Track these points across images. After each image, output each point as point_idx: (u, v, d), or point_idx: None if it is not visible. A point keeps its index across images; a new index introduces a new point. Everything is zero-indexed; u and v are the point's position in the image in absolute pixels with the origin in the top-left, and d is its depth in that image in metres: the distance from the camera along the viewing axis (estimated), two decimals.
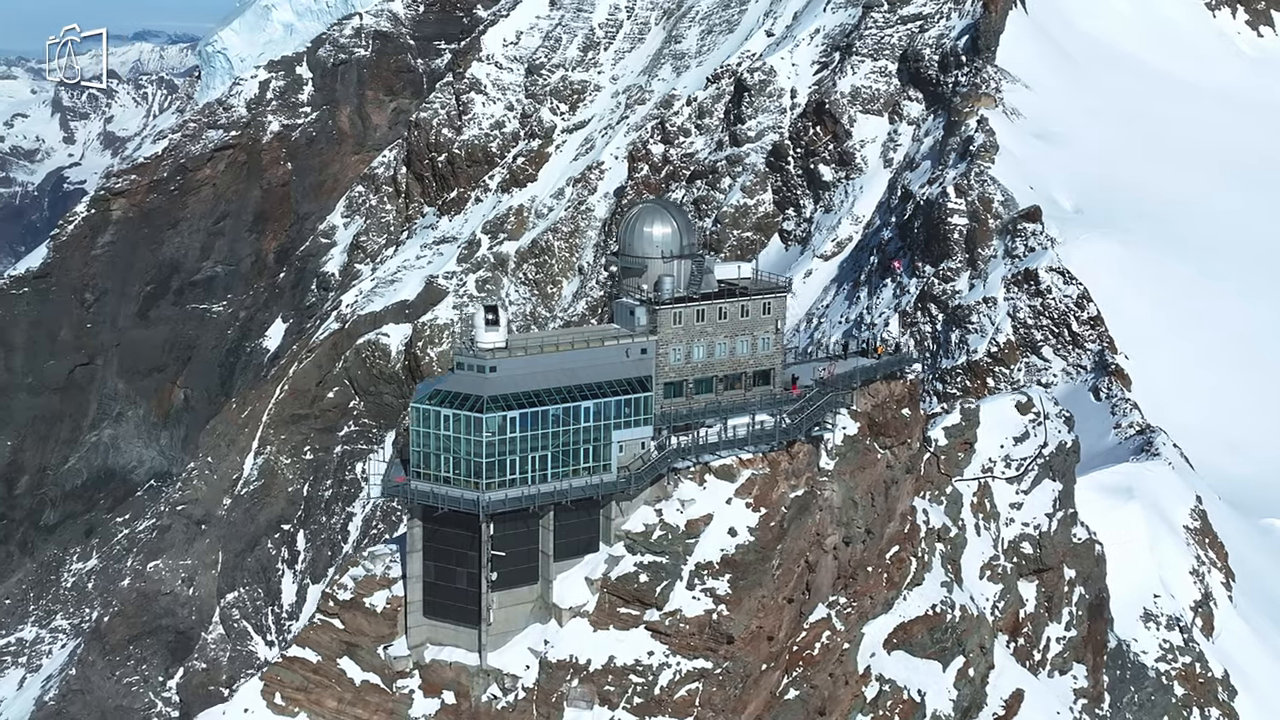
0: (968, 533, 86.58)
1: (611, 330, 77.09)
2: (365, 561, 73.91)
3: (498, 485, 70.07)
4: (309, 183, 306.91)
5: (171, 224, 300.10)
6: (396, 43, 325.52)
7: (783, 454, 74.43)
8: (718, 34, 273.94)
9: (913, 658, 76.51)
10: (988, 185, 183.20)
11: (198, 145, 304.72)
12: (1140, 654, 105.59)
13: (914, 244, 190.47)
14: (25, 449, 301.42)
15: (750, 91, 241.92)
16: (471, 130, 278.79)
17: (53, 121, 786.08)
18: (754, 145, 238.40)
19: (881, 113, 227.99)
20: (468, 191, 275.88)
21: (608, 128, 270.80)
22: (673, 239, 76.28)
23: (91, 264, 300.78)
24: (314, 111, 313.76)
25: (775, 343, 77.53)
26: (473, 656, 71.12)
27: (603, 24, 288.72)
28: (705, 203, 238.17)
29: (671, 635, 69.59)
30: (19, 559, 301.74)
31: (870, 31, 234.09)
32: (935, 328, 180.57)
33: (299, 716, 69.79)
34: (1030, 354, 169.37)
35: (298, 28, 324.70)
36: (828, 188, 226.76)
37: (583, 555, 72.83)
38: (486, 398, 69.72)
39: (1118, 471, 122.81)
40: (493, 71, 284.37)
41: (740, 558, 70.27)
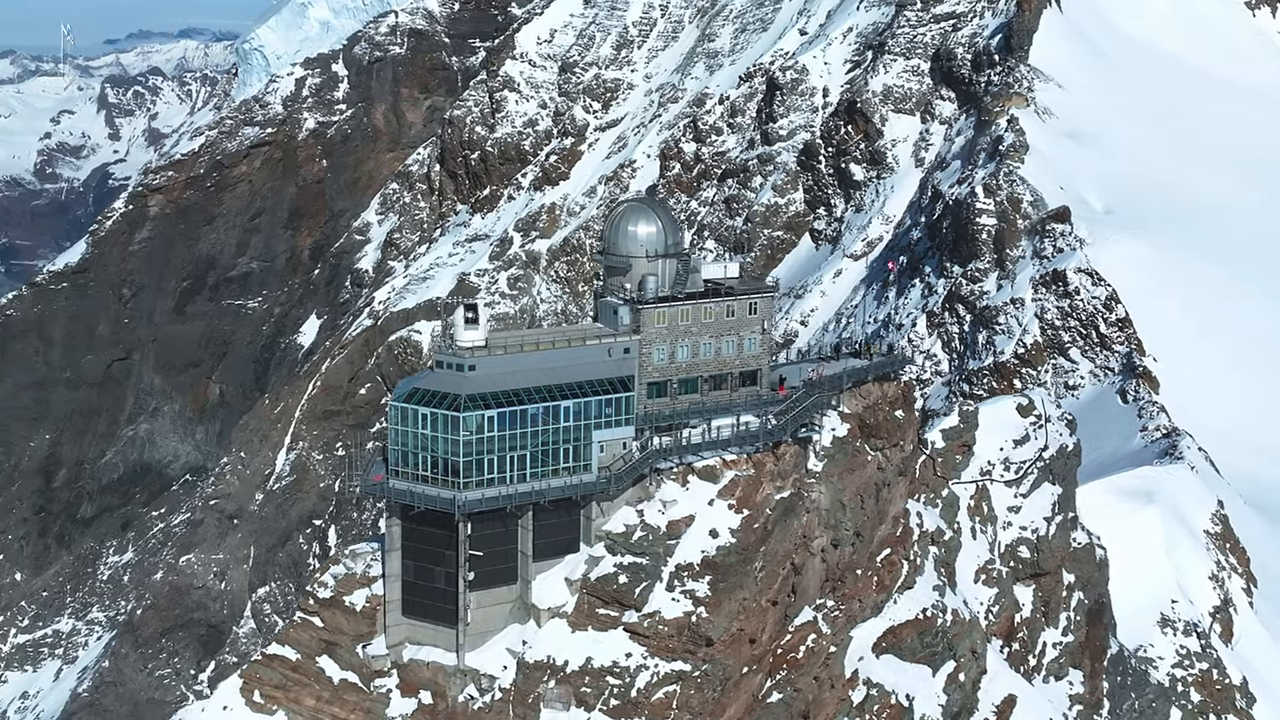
0: (963, 536, 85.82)
1: (594, 329, 76.84)
2: (346, 560, 74.04)
3: (475, 485, 69.76)
4: (344, 180, 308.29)
5: (208, 220, 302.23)
6: (431, 40, 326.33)
7: (768, 455, 73.92)
8: (751, 32, 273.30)
9: (902, 662, 75.89)
10: (1017, 185, 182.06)
11: (234, 142, 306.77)
12: (1155, 660, 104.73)
13: (942, 244, 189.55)
14: (63, 443, 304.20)
15: (782, 90, 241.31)
16: (504, 128, 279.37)
17: (98, 118, 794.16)
18: (785, 144, 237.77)
19: (914, 112, 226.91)
20: (500, 189, 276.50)
21: (640, 126, 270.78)
22: (657, 238, 75.90)
23: (129, 260, 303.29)
24: (349, 109, 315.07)
25: (762, 343, 76.99)
26: (451, 656, 70.94)
27: (636, 22, 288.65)
28: (736, 201, 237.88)
29: (650, 637, 69.29)
30: (56, 551, 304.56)
31: (903, 30, 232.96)
32: (962, 329, 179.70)
33: (277, 714, 69.97)
34: (1058, 356, 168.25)
35: (334, 25, 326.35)
36: (859, 187, 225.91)
37: (563, 556, 72.41)
38: (464, 396, 69.58)
39: (1137, 475, 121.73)
40: (526, 69, 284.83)
41: (721, 559, 69.84)
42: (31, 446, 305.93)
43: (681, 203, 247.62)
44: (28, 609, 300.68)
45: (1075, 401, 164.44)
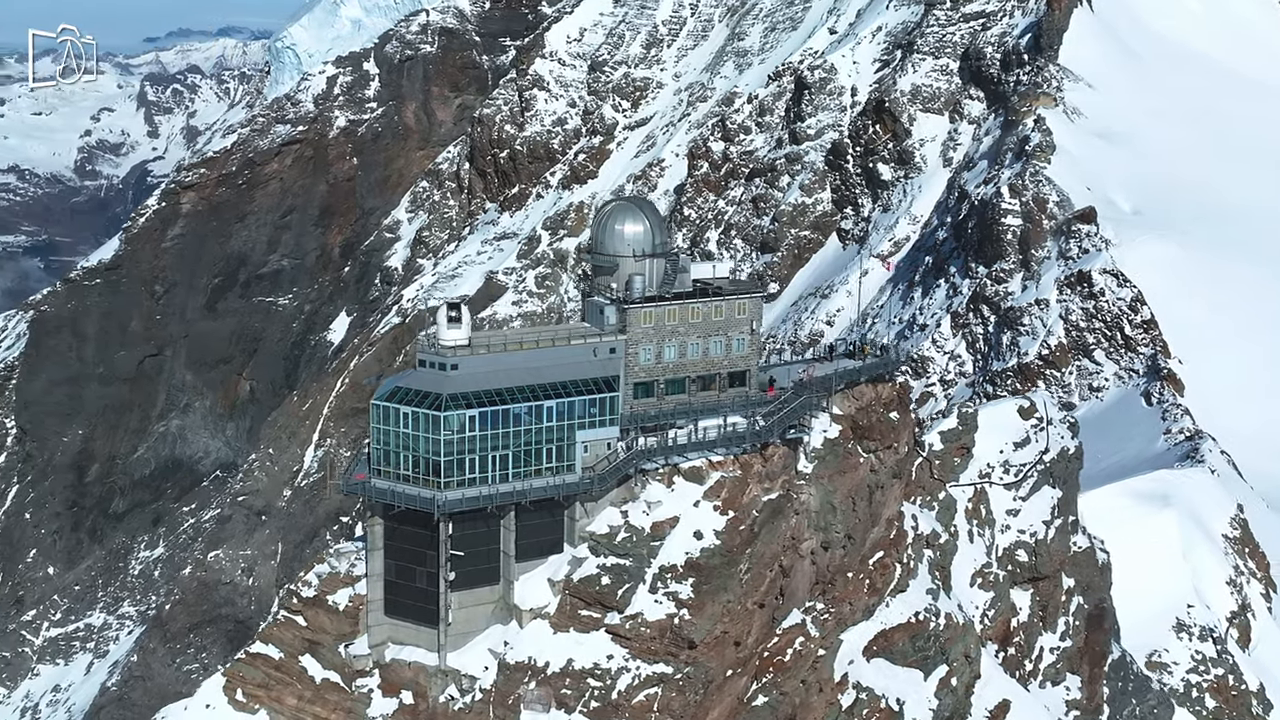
0: (960, 539, 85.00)
1: (581, 329, 76.52)
2: (331, 558, 73.98)
3: (456, 485, 69.46)
4: (374, 178, 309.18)
5: (239, 217, 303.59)
6: (462, 39, 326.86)
7: (756, 457, 73.31)
8: (781, 31, 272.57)
9: (893, 665, 75.17)
10: (1043, 185, 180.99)
11: (266, 140, 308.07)
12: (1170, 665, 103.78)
13: (968, 245, 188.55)
14: (96, 438, 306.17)
15: (810, 89, 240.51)
16: (534, 127, 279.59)
17: (138, 116, 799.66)
18: (813, 143, 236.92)
19: (942, 111, 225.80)
20: (529, 188, 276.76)
21: (669, 125, 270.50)
22: (644, 237, 75.46)
23: (161, 256, 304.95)
24: (380, 107, 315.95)
25: (750, 344, 76.41)
26: (432, 656, 70.68)
27: (666, 21, 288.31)
28: (763, 201, 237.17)
29: (632, 639, 68.82)
30: (89, 546, 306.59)
31: (932, 29, 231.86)
32: (987, 329, 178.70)
33: (259, 714, 69.94)
34: (1082, 357, 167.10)
35: (365, 24, 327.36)
36: (886, 187, 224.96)
37: (547, 556, 72.01)
38: (446, 395, 69.32)
39: (1153, 479, 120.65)
40: (556, 68, 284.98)
41: (705, 561, 69.29)
42: (65, 441, 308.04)
43: (709, 202, 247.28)
44: (60, 603, 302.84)
45: (1099, 404, 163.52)
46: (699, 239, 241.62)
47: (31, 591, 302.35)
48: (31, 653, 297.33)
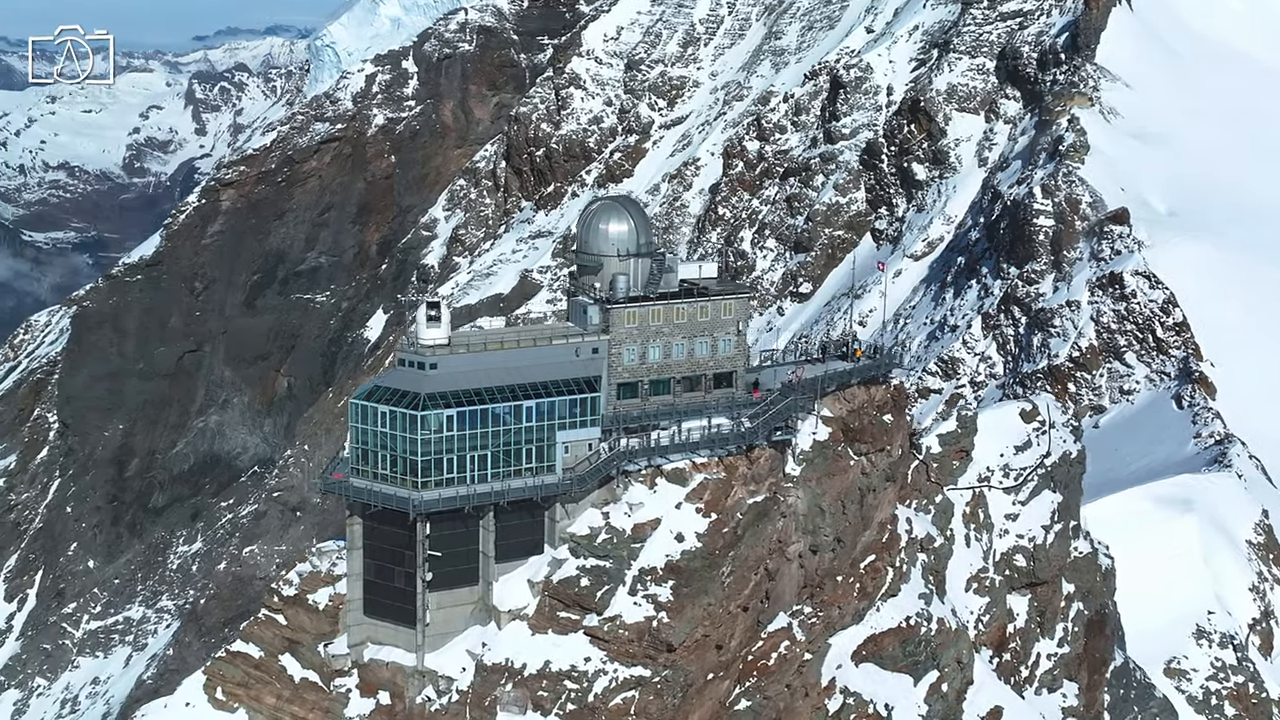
0: (957, 543, 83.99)
1: (564, 329, 76.14)
2: (312, 557, 73.94)
3: (434, 485, 69.09)
4: (412, 176, 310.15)
5: (278, 215, 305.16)
6: (500, 37, 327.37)
7: (741, 459, 72.66)
8: (818, 30, 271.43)
9: (882, 671, 74.32)
10: (1075, 186, 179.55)
11: (305, 138, 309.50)
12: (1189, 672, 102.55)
13: (1000, 245, 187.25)
14: (136, 433, 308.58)
15: (846, 88, 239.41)
16: (570, 125, 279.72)
17: (186, 114, 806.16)
18: (848, 143, 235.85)
19: (978, 111, 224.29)
20: (564, 186, 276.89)
21: (705, 124, 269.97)
22: (629, 237, 75.00)
23: (201, 253, 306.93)
24: (418, 105, 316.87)
25: (737, 345, 75.79)
26: (411, 657, 70.38)
27: (703, 20, 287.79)
28: (798, 200, 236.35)
29: (610, 641, 68.33)
30: (128, 540, 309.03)
31: (969, 28, 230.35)
32: (1018, 330, 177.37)
33: (238, 712, 69.96)
34: (1113, 359, 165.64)
35: (404, 22, 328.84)
36: (921, 187, 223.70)
37: (527, 557, 71.58)
38: (424, 395, 69.02)
39: (1175, 483, 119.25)
40: (592, 67, 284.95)
41: (685, 564, 68.71)
42: (105, 436, 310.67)
43: (743, 201, 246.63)
44: (100, 596, 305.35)
45: (1130, 406, 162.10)
46: (733, 238, 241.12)
47: (72, 585, 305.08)
48: (71, 645, 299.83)
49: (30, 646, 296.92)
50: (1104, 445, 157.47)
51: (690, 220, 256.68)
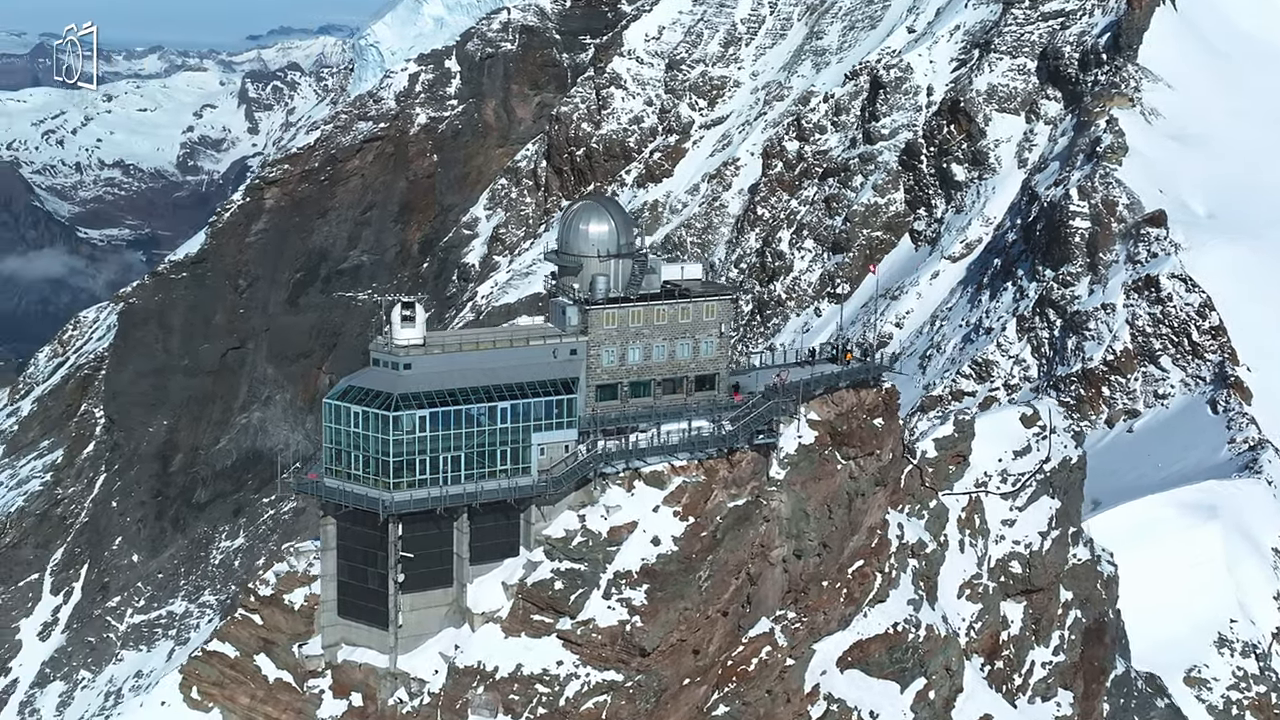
0: (951, 549, 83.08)
1: (543, 330, 75.81)
2: (290, 557, 73.99)
3: (407, 485, 68.62)
4: (453, 175, 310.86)
5: (321, 213, 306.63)
6: (542, 37, 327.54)
7: (722, 462, 71.90)
8: (860, 30, 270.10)
9: (868, 677, 73.54)
10: (1112, 188, 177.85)
11: (348, 137, 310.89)
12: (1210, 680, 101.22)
13: (1036, 247, 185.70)
14: (180, 429, 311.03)
15: (886, 89, 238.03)
16: (610, 125, 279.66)
17: (239, 112, 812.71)
18: (887, 143, 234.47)
19: (1018, 112, 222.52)
20: (604, 186, 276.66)
21: (745, 124, 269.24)
22: (609, 237, 74.50)
23: (245, 251, 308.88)
24: (460, 104, 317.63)
25: (719, 347, 75.19)
26: (384, 658, 70.07)
27: (745, 19, 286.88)
28: (836, 201, 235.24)
29: (582, 645, 67.74)
30: (171, 535, 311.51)
31: (1010, 28, 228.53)
32: (1052, 334, 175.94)
33: (213, 712, 70.04)
34: (1148, 364, 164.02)
35: (447, 21, 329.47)
36: (960, 188, 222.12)
37: (502, 559, 71.02)
38: (397, 395, 68.82)
39: (1202, 489, 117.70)
40: (633, 66, 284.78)
41: (661, 568, 68.09)
42: (150, 432, 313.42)
43: (782, 201, 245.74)
44: (144, 590, 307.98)
45: (1164, 411, 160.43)
46: (771, 239, 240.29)
47: (116, 578, 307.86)
48: (115, 638, 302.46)
49: (75, 639, 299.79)
50: (1137, 450, 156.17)
51: (729, 220, 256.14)
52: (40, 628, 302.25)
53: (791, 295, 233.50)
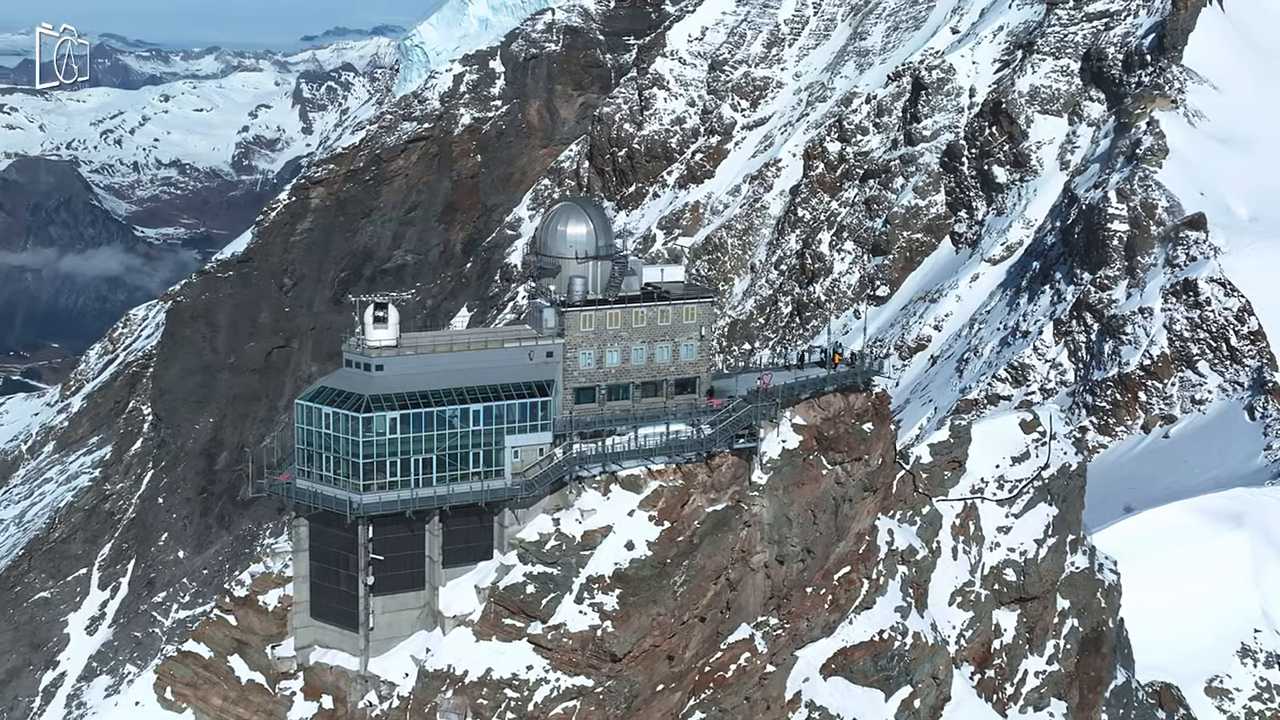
0: (943, 556, 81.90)
1: (520, 332, 75.29)
2: (267, 558, 73.81)
3: (377, 487, 68.17)
4: (497, 175, 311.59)
5: (365, 213, 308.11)
6: (586, 37, 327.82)
7: (701, 466, 71.11)
8: (903, 31, 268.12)
9: (852, 685, 72.52)
10: (1151, 190, 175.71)
11: (393, 137, 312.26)
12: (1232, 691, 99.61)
13: (1074, 250, 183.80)
14: (225, 426, 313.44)
15: (928, 90, 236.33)
16: (652, 125, 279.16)
17: (293, 113, 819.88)
18: (929, 145, 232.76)
19: (1061, 113, 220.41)
20: (645, 187, 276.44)
21: (787, 125, 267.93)
22: (587, 239, 73.85)
23: (291, 250, 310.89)
24: (504, 105, 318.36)
25: (700, 350, 74.43)
26: (355, 661, 69.63)
27: (788, 20, 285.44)
28: (876, 203, 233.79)
29: (553, 650, 67.19)
30: (217, 532, 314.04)
31: (1053, 29, 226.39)
32: (1090, 337, 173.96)
33: (186, 712, 70.00)
34: (1185, 368, 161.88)
35: (492, 22, 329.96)
36: (1001, 190, 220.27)
37: (476, 562, 70.47)
38: (368, 397, 68.46)
39: (1230, 496, 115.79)
40: (676, 67, 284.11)
41: (634, 573, 67.38)
42: (196, 429, 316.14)
43: (823, 203, 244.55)
44: (189, 586, 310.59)
45: (1201, 416, 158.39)
46: (811, 240, 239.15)
47: (162, 574, 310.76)
48: (161, 633, 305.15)
49: (122, 634, 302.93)
50: (1173, 456, 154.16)
51: (770, 222, 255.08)
52: (88, 622, 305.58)
53: (831, 297, 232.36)
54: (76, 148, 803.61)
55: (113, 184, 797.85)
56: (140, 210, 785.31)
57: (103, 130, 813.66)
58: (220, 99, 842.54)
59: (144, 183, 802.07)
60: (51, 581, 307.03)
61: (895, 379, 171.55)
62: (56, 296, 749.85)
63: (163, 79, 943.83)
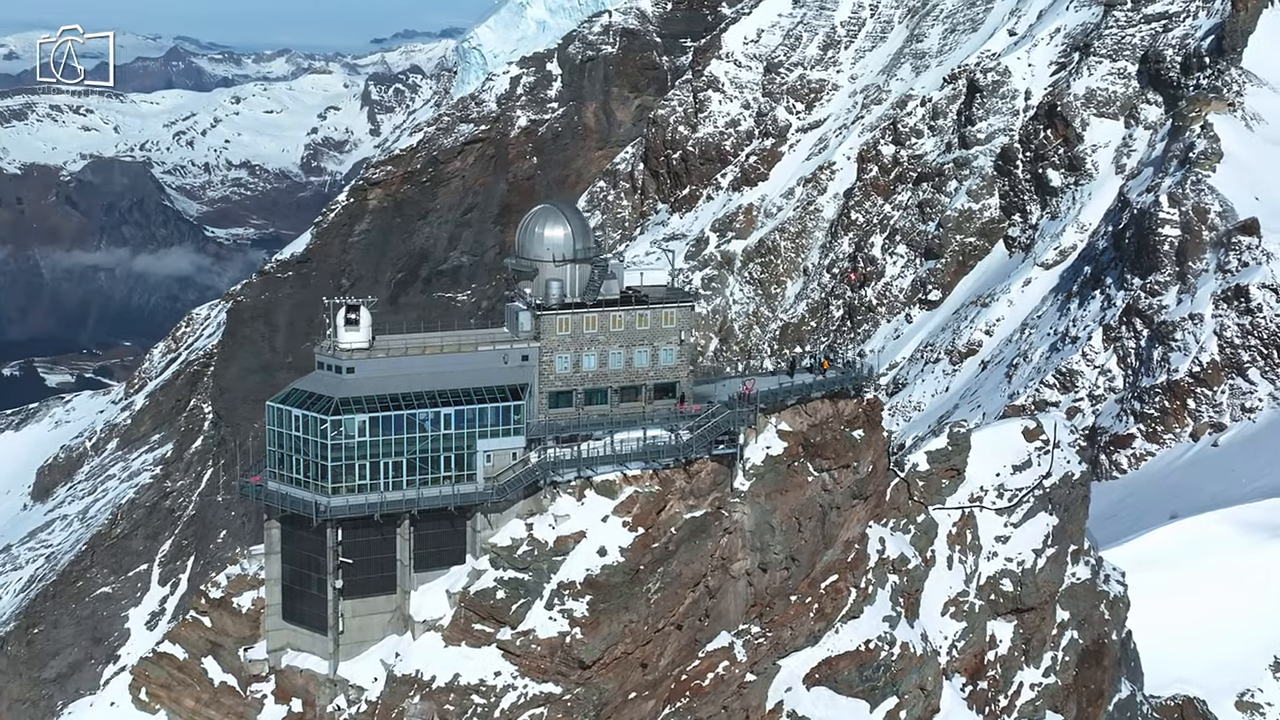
0: (938, 566, 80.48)
1: (495, 335, 74.86)
2: (243, 560, 73.73)
3: (345, 490, 67.75)
4: (553, 177, 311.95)
5: (422, 214, 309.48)
6: (643, 40, 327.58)
7: (679, 472, 70.21)
8: (960, 33, 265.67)
9: (836, 695, 71.32)
10: (1204, 194, 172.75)
11: (450, 138, 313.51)
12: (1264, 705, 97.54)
13: (1125, 255, 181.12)
14: None
15: (982, 92, 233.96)
16: (707, 128, 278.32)
17: (361, 114, 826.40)
18: (983, 148, 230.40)
19: (1117, 116, 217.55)
20: (699, 189, 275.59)
21: (842, 128, 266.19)
22: (564, 242, 73.34)
23: (349, 251, 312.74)
24: (560, 107, 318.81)
25: (679, 355, 73.54)
26: (326, 664, 69.17)
27: (845, 22, 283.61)
28: (930, 206, 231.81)
29: (521, 656, 66.53)
30: None
31: (1111, 31, 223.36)
32: (1139, 343, 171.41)
33: (159, 713, 70.09)
34: (1235, 376, 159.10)
35: (550, 25, 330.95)
36: (1055, 194, 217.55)
37: (449, 567, 69.94)
38: (337, 399, 68.19)
39: (1267, 506, 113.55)
40: (731, 69, 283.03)
41: (605, 579, 66.66)
42: (256, 428, 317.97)
43: (876, 206, 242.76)
44: None
45: (1251, 425, 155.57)
46: (863, 244, 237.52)
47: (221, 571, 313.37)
48: None
49: None
50: (1221, 465, 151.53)
51: (824, 225, 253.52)
52: (148, 617, 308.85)
53: (883, 301, 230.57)
54: (149, 149, 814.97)
55: (184, 185, 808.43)
56: (211, 211, 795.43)
57: (175, 132, 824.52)
58: (290, 101, 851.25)
59: (214, 183, 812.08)
60: (113, 577, 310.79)
61: (881, 384, 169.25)
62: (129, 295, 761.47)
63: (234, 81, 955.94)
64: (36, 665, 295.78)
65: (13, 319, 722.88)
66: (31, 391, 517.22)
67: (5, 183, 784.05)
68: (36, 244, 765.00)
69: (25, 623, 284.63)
